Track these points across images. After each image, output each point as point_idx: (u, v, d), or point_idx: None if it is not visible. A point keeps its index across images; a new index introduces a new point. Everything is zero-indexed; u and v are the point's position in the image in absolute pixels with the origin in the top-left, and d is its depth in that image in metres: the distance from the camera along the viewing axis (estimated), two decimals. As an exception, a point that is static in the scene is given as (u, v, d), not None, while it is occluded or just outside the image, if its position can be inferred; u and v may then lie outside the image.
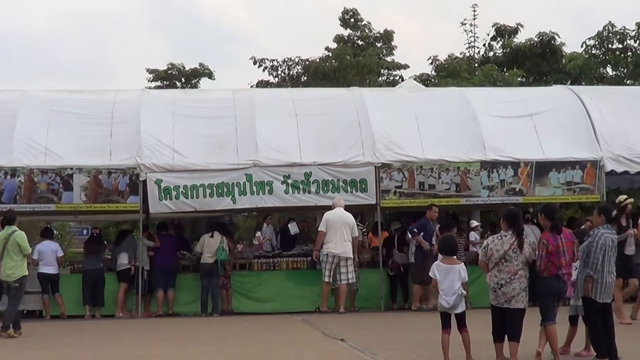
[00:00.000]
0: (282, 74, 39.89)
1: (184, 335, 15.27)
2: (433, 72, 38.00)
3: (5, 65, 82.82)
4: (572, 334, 12.19)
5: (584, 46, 31.52)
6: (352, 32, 40.55)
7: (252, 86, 38.64)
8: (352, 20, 40.44)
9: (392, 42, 40.87)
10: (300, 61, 39.52)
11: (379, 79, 39.58)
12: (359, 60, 37.83)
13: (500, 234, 11.32)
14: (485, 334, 11.23)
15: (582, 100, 20.35)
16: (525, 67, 35.42)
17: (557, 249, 11.06)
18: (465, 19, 37.77)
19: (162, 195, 18.21)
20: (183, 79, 45.53)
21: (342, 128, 19.29)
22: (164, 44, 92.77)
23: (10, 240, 15.30)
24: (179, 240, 20.25)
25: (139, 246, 18.93)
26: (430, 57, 38.25)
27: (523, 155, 19.09)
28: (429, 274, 11.49)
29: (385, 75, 40.83)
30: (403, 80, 36.36)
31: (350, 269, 18.16)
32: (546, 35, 35.51)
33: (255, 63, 39.44)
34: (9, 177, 18.02)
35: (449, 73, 35.67)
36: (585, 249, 11.45)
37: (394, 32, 40.64)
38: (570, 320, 12.16)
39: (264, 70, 39.65)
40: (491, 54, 37.49)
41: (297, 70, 39.90)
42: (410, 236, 18.62)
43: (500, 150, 19.10)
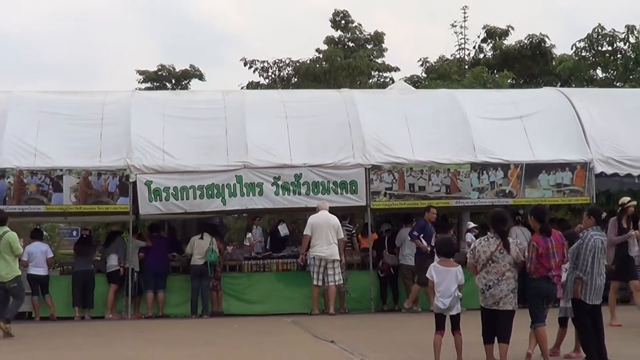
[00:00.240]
0: (273, 76, 39.90)
1: (174, 337, 15.25)
2: (423, 73, 38.08)
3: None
4: (562, 336, 12.22)
5: (574, 48, 31.57)
6: (342, 34, 40.61)
7: (242, 88, 38.63)
8: (342, 22, 40.49)
9: (383, 44, 40.96)
10: (291, 62, 39.55)
11: (370, 81, 39.62)
12: (349, 62, 37.88)
13: (487, 236, 11.37)
14: (476, 336, 11.23)
15: (572, 102, 20.40)
16: (516, 69, 35.51)
17: (547, 251, 11.07)
18: (455, 21, 37.93)
19: (152, 196, 18.19)
20: (173, 81, 45.53)
21: (332, 130, 19.30)
22: (154, 45, 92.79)
23: (2, 241, 15.27)
24: (170, 242, 20.25)
25: (128, 247, 18.91)
26: (420, 59, 38.39)
27: (513, 157, 19.11)
28: (426, 274, 11.52)
29: (376, 77, 40.88)
30: (393, 82, 36.38)
31: (338, 270, 18.16)
32: (536, 38, 35.61)
33: (245, 64, 39.46)
34: (-2, 178, 17.99)
35: (439, 75, 35.73)
36: (574, 251, 11.47)
37: (385, 34, 40.76)
38: (559, 322, 12.20)
39: (254, 71, 39.68)
40: (481, 55, 37.57)
41: (288, 71, 39.92)
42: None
43: (490, 152, 19.13)
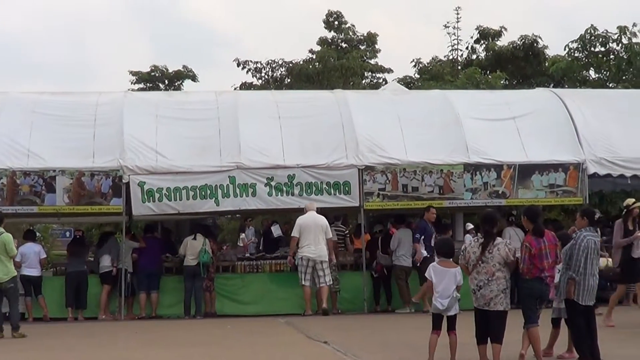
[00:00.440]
0: (266, 76, 39.94)
1: (167, 338, 15.24)
2: (416, 74, 38.11)
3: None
4: (555, 337, 12.24)
5: (567, 49, 31.63)
6: (335, 35, 40.62)
7: (235, 88, 38.70)
8: (336, 22, 40.51)
9: (376, 45, 40.99)
10: (284, 63, 39.59)
11: (363, 82, 39.64)
12: (342, 62, 37.91)
13: (477, 237, 11.42)
14: (470, 337, 11.24)
15: (565, 103, 20.41)
16: (508, 70, 35.54)
17: (540, 252, 11.09)
18: (448, 22, 37.96)
19: (145, 197, 18.17)
20: (166, 81, 45.52)
21: (325, 130, 19.30)
22: (147, 46, 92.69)
23: None
24: (163, 243, 20.23)
25: (121, 248, 18.89)
26: (413, 60, 38.40)
27: (506, 158, 19.12)
28: (425, 274, 11.54)
29: (369, 78, 40.91)
30: (386, 83, 36.40)
31: (327, 271, 18.15)
32: (529, 38, 35.64)
33: (238, 65, 39.49)
34: (-9, 179, 17.95)
35: (432, 76, 35.76)
36: (567, 252, 11.49)
37: (378, 35, 40.79)
38: (552, 323, 12.21)
39: (247, 72, 39.74)
40: (474, 56, 37.58)
41: (281, 72, 39.97)
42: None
43: (484, 152, 19.14)
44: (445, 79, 33.64)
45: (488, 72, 35.01)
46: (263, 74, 39.91)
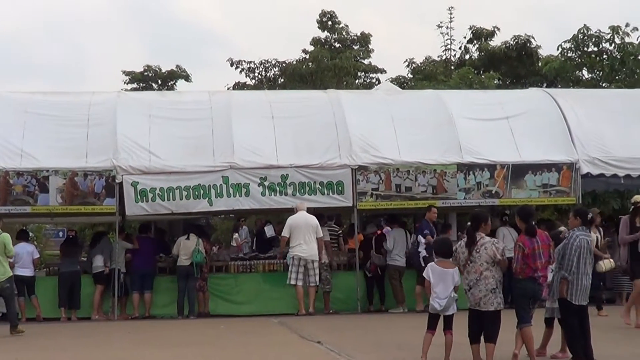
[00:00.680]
0: (259, 76, 39.91)
1: (161, 338, 15.23)
2: (409, 74, 38.07)
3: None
4: (548, 336, 12.25)
5: (560, 49, 31.66)
6: (329, 35, 40.61)
7: (228, 88, 38.64)
8: (329, 22, 40.49)
9: (369, 45, 40.98)
10: (277, 63, 39.56)
11: (356, 82, 39.64)
12: (335, 62, 37.89)
13: (464, 237, 11.46)
14: (464, 336, 11.25)
15: (558, 103, 20.45)
16: (502, 70, 35.54)
17: (533, 252, 11.11)
18: (441, 22, 37.89)
19: (139, 197, 18.16)
20: (159, 81, 45.48)
21: (318, 130, 19.31)
22: (141, 45, 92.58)
23: None
24: (157, 243, 20.21)
25: (114, 248, 18.87)
26: (406, 60, 38.36)
27: (499, 158, 19.15)
28: (423, 274, 11.55)
29: (362, 78, 40.90)
30: (380, 83, 36.39)
31: (317, 271, 18.19)
32: (522, 38, 35.64)
33: (232, 65, 39.45)
34: (-16, 179, 17.91)
35: (425, 75, 35.73)
36: (560, 251, 11.50)
37: (371, 35, 40.78)
38: (546, 323, 12.23)
39: (240, 72, 39.70)
40: (467, 56, 37.57)
41: (274, 72, 39.94)
42: (422, 239, 18.52)
43: (477, 152, 19.16)
44: (439, 79, 33.63)
45: (481, 72, 35.00)
46: (256, 74, 39.90)
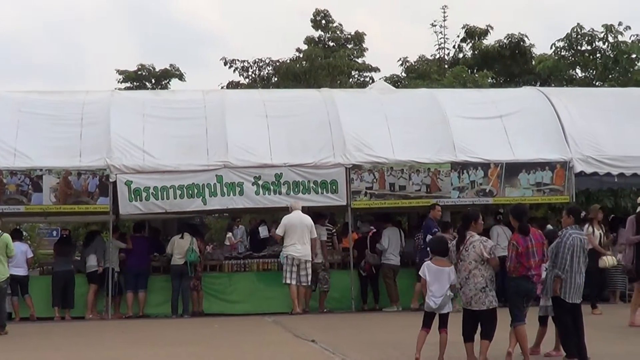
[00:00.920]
0: (253, 75, 39.90)
1: (155, 337, 15.22)
2: (403, 73, 38.10)
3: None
4: (542, 334, 12.28)
5: (553, 48, 31.69)
6: (323, 34, 40.61)
7: (222, 87, 38.60)
8: (323, 21, 40.50)
9: (363, 44, 41.00)
10: (271, 62, 39.56)
11: (350, 81, 39.65)
12: (329, 61, 37.91)
13: (454, 236, 11.48)
14: (458, 335, 11.26)
15: (552, 101, 20.48)
16: (495, 69, 35.56)
17: (527, 250, 11.13)
18: (435, 21, 37.94)
19: (132, 196, 18.14)
20: (153, 80, 45.43)
21: (312, 129, 19.31)
22: (134, 45, 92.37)
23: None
24: (151, 242, 20.19)
25: (108, 247, 18.86)
26: (400, 59, 38.38)
27: (493, 157, 19.16)
28: (419, 272, 11.56)
29: (356, 77, 40.91)
30: (373, 82, 36.41)
31: (310, 271, 18.21)
32: (515, 37, 35.67)
33: (225, 64, 39.45)
34: (-23, 178, 17.89)
35: (419, 74, 35.76)
36: (554, 250, 11.53)
37: (365, 34, 40.80)
38: (540, 321, 12.25)
39: (234, 71, 39.70)
40: (461, 55, 37.61)
41: (268, 71, 39.93)
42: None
43: (471, 151, 19.18)
44: (432, 77, 33.65)
45: (475, 70, 35.02)
46: (250, 73, 39.89)
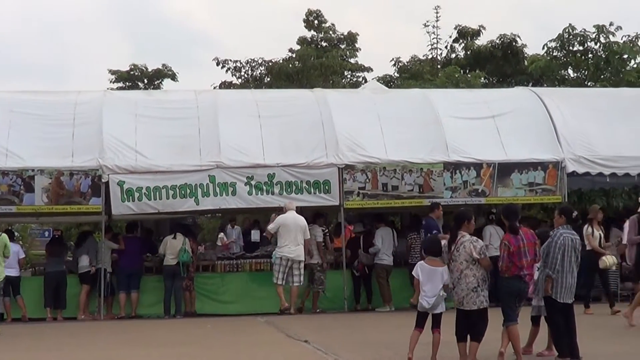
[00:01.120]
0: (245, 75, 39.88)
1: (147, 338, 15.21)
2: (396, 73, 38.10)
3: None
4: (534, 334, 12.29)
5: (545, 48, 31.74)
6: (315, 34, 40.60)
7: (215, 87, 38.56)
8: (315, 21, 40.49)
9: (356, 44, 41.00)
10: (264, 62, 39.54)
11: (342, 81, 39.64)
12: (322, 61, 37.91)
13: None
14: (451, 335, 11.27)
15: (544, 101, 20.51)
16: (488, 69, 35.57)
17: (519, 250, 11.14)
18: (428, 21, 37.95)
19: (125, 196, 18.11)
20: (145, 80, 45.36)
21: (305, 129, 19.31)
22: (127, 45, 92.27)
23: None
24: (144, 242, 20.18)
25: (100, 248, 18.83)
26: (393, 59, 38.39)
27: (485, 157, 19.18)
28: (412, 272, 11.57)
29: (349, 77, 40.91)
30: (366, 82, 36.41)
31: (302, 271, 18.22)
32: (507, 37, 35.70)
33: (218, 64, 39.44)
34: (-31, 178, 17.84)
35: (412, 75, 35.77)
36: (545, 249, 11.55)
37: (358, 34, 40.80)
38: (532, 321, 12.27)
39: (227, 71, 39.67)
40: (453, 55, 37.62)
41: (261, 71, 39.91)
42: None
43: (463, 151, 19.20)
44: (425, 77, 33.67)
45: (467, 71, 35.05)
46: (243, 73, 39.88)
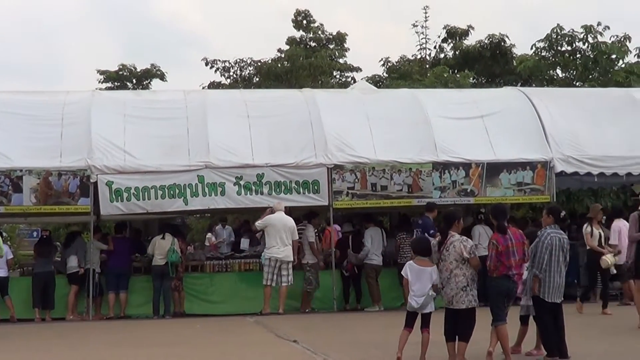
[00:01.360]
0: (234, 75, 39.84)
1: (136, 338, 15.19)
2: (385, 73, 38.10)
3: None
4: (523, 334, 12.31)
5: (534, 48, 31.83)
6: (304, 34, 40.57)
7: (204, 87, 38.52)
8: (304, 21, 40.46)
9: (345, 44, 40.99)
10: (253, 62, 39.50)
11: (331, 81, 39.63)
12: (311, 61, 37.86)
13: (437, 235, 11.51)
14: (440, 334, 11.28)
15: (533, 101, 20.55)
16: (476, 69, 35.62)
17: (507, 249, 11.18)
18: (416, 21, 37.95)
19: (113, 197, 18.07)
20: (134, 80, 45.21)
21: (294, 129, 19.29)
22: (115, 45, 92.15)
23: None
24: (132, 243, 20.15)
25: (89, 248, 18.79)
26: (382, 59, 38.41)
27: (474, 157, 19.20)
28: (402, 272, 11.58)
29: (338, 77, 40.89)
30: (355, 82, 36.42)
31: (290, 271, 18.24)
32: (496, 37, 35.75)
33: (207, 64, 39.35)
34: (-43, 179, 17.78)
35: (400, 75, 35.77)
36: (533, 249, 11.58)
37: (347, 34, 40.77)
38: (521, 320, 12.29)
39: (215, 71, 39.60)
40: (442, 55, 37.65)
41: (249, 71, 39.88)
42: (431, 239, 18.40)
43: (452, 151, 19.21)
44: (414, 78, 33.67)
45: (456, 71, 35.08)
46: (231, 73, 39.83)
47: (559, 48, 31.41)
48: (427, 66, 37.30)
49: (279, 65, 38.49)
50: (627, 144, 19.93)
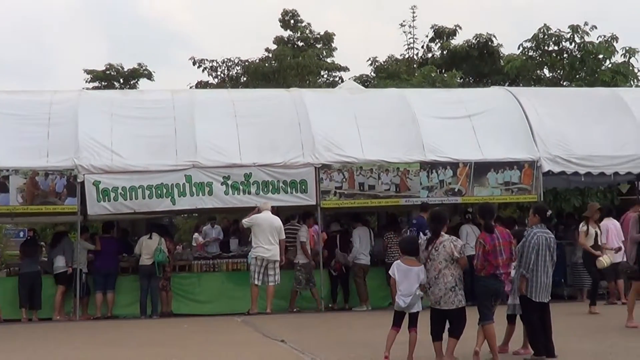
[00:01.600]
0: (222, 75, 39.84)
1: (123, 338, 15.15)
2: (373, 73, 38.16)
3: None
4: (510, 333, 12.33)
5: (521, 48, 31.92)
6: (292, 34, 40.59)
7: (191, 87, 38.51)
8: (292, 21, 40.49)
9: (332, 44, 41.03)
10: (240, 62, 39.50)
11: (319, 80, 39.66)
12: (298, 61, 37.90)
13: (428, 236, 11.51)
14: (427, 334, 11.28)
15: (520, 101, 20.59)
16: (464, 69, 35.70)
17: (494, 248, 11.19)
18: (404, 21, 38.05)
19: (101, 196, 18.03)
20: (121, 80, 45.16)
21: (282, 129, 19.28)
22: (103, 44, 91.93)
23: None
24: (120, 243, 20.10)
25: (76, 248, 18.74)
26: (369, 58, 38.46)
27: (462, 156, 19.23)
28: (389, 272, 11.58)
29: (325, 77, 40.93)
30: (343, 82, 36.44)
31: (277, 271, 18.23)
32: (483, 37, 35.82)
33: (194, 64, 39.39)
34: (-57, 179, 17.72)
35: (388, 74, 35.83)
36: (520, 249, 11.59)
37: (335, 34, 40.84)
38: (508, 319, 12.30)
39: (203, 71, 39.63)
40: (430, 55, 37.73)
41: (237, 71, 39.87)
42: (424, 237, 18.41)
43: (439, 151, 19.23)
44: (402, 77, 33.74)
45: (444, 70, 35.15)
46: (219, 73, 39.85)
47: (546, 48, 31.52)
48: (415, 66, 37.37)
49: (267, 65, 38.52)
50: (614, 143, 19.99)
